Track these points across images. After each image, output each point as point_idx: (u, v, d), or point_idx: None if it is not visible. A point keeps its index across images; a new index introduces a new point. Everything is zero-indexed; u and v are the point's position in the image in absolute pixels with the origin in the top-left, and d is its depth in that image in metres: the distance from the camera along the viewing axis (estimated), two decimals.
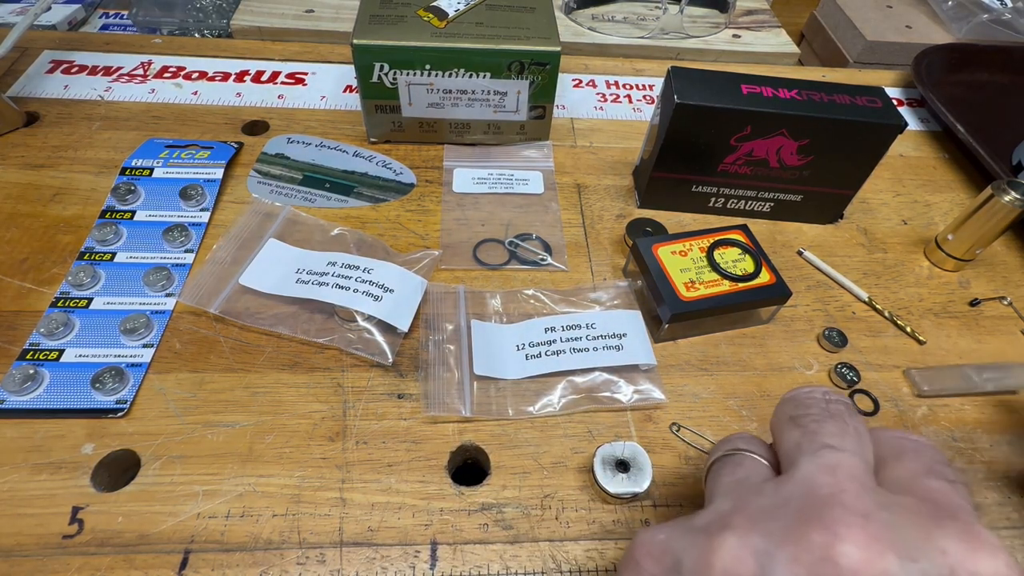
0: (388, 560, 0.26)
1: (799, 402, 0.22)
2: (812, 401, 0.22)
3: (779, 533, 0.17)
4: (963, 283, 0.40)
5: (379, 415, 0.31)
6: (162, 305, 0.34)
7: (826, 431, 0.20)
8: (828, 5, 0.68)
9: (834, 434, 0.20)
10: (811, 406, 0.21)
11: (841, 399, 0.22)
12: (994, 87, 0.56)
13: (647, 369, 0.33)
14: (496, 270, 0.38)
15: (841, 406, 0.21)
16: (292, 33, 0.56)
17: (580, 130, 0.48)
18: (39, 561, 0.25)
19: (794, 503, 0.18)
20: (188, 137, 0.43)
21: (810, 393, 0.22)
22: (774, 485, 0.19)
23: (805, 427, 0.21)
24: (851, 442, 0.20)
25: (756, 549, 0.17)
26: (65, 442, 0.29)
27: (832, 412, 0.21)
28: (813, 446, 0.20)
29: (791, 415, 0.22)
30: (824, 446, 0.19)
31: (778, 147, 0.38)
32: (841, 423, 0.20)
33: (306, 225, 0.38)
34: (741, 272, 0.35)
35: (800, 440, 0.20)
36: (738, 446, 0.22)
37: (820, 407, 0.21)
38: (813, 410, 0.21)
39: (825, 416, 0.21)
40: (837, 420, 0.20)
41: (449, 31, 0.39)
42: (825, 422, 0.20)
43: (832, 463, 0.19)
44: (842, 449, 0.19)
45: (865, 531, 0.16)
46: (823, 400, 0.22)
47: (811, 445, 0.20)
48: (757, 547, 0.17)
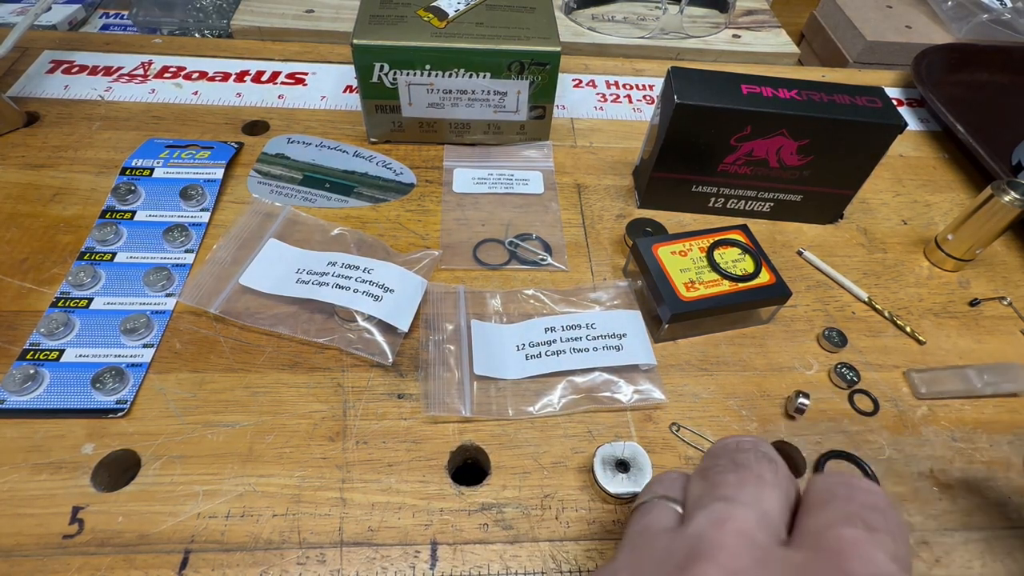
0: (388, 560, 0.26)
1: (712, 453, 0.22)
2: (723, 451, 0.22)
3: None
4: (963, 283, 0.40)
5: (379, 415, 0.31)
6: (162, 305, 0.34)
7: (725, 482, 0.20)
8: (828, 5, 0.68)
9: (732, 484, 0.20)
10: (720, 456, 0.21)
11: (757, 445, 0.21)
12: (994, 87, 0.56)
13: (647, 369, 0.33)
14: (496, 270, 0.38)
15: (750, 454, 0.21)
16: (292, 33, 0.56)
17: (580, 130, 0.48)
18: (39, 561, 0.25)
19: (676, 557, 0.18)
20: (188, 137, 0.43)
21: (724, 444, 0.22)
22: (670, 536, 0.20)
23: (708, 479, 0.21)
24: (749, 493, 0.19)
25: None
26: (65, 442, 0.29)
27: (737, 462, 0.21)
28: (708, 499, 0.20)
29: (703, 467, 0.22)
30: (719, 499, 0.19)
31: (778, 147, 0.38)
32: (743, 473, 0.20)
33: (306, 225, 0.38)
34: (741, 272, 0.35)
35: (701, 492, 0.20)
36: (655, 491, 0.22)
37: (728, 457, 0.21)
38: (721, 460, 0.21)
39: (729, 467, 0.20)
40: (740, 470, 0.20)
41: (449, 31, 0.39)
42: (727, 473, 0.20)
43: (721, 517, 0.18)
44: (735, 501, 0.19)
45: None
46: (734, 448, 0.21)
47: (707, 498, 0.20)
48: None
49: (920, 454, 0.32)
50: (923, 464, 0.31)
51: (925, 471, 0.31)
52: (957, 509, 0.30)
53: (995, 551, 0.28)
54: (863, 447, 0.32)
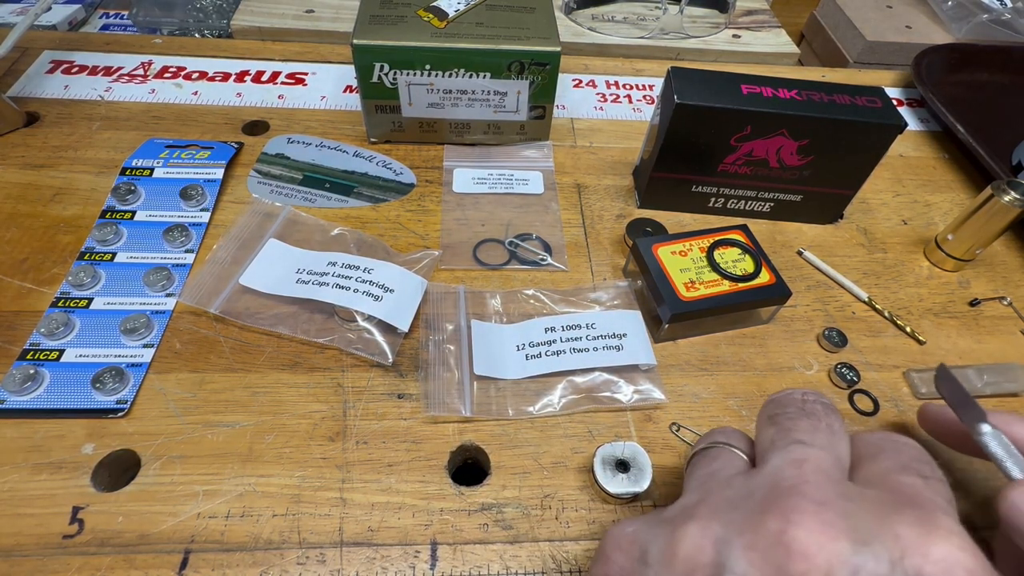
0: (388, 560, 0.26)
1: (778, 402, 0.23)
2: (790, 401, 0.22)
3: (739, 522, 0.18)
4: (963, 283, 0.40)
5: (379, 415, 0.31)
6: (162, 305, 0.34)
7: (799, 428, 0.21)
8: (828, 5, 0.68)
9: (805, 430, 0.20)
10: (788, 405, 0.22)
11: (820, 398, 0.22)
12: (994, 87, 0.56)
13: (647, 369, 0.33)
14: (496, 270, 0.38)
15: (817, 405, 0.22)
16: (292, 33, 0.56)
17: (580, 130, 0.48)
18: (39, 561, 0.25)
19: (758, 494, 0.19)
20: (188, 137, 0.43)
21: (790, 394, 0.23)
22: (744, 478, 0.20)
23: (779, 424, 0.21)
24: (822, 438, 0.20)
25: (716, 537, 0.18)
26: (65, 442, 0.29)
27: (807, 411, 0.21)
28: (784, 441, 0.20)
29: (769, 414, 0.22)
30: (795, 441, 0.20)
31: (778, 147, 0.38)
32: (814, 420, 0.21)
33: (306, 225, 0.38)
34: (741, 272, 0.35)
35: (774, 437, 0.21)
36: (717, 440, 0.23)
37: (796, 406, 0.22)
38: (790, 409, 0.22)
39: (800, 414, 0.21)
40: (811, 418, 0.21)
41: (449, 31, 0.39)
42: (799, 419, 0.21)
43: (800, 457, 0.19)
44: (811, 444, 0.20)
45: (818, 517, 0.17)
46: (800, 399, 0.22)
47: (783, 441, 0.20)
48: (717, 535, 0.18)
49: None
50: None
51: None
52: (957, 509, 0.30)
53: None
54: None
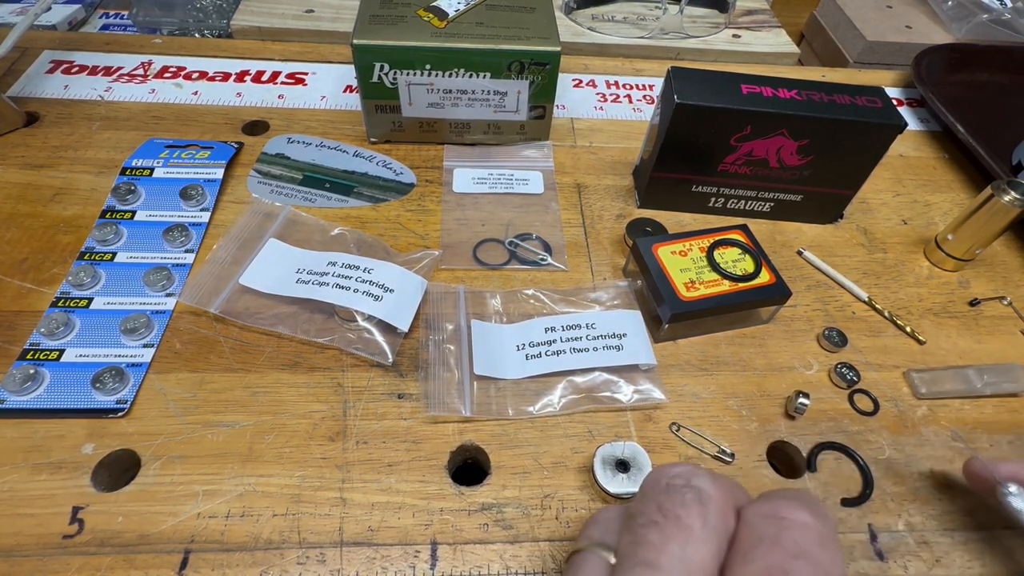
0: (388, 560, 0.26)
1: (642, 493, 0.20)
2: (652, 493, 0.20)
3: None
4: (963, 283, 0.40)
5: (379, 415, 0.31)
6: (162, 305, 0.34)
7: (649, 542, 0.18)
8: (828, 5, 0.68)
9: (654, 545, 0.18)
10: (647, 501, 0.20)
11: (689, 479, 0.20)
12: (994, 87, 0.56)
13: (647, 369, 0.33)
14: (496, 270, 0.38)
15: (677, 497, 0.19)
16: (292, 33, 0.56)
17: (580, 130, 0.48)
18: (39, 561, 0.25)
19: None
20: (188, 137, 0.43)
21: (655, 480, 0.20)
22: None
23: (632, 533, 0.19)
24: (671, 553, 0.18)
25: None
26: (65, 442, 0.29)
27: (665, 510, 0.19)
28: (630, 562, 0.18)
29: (629, 510, 0.20)
30: (639, 563, 0.18)
31: (778, 147, 0.38)
32: (669, 528, 0.18)
33: (306, 225, 0.38)
34: (741, 272, 0.35)
35: (625, 549, 0.19)
36: (592, 537, 0.21)
37: (654, 503, 0.19)
38: (648, 506, 0.19)
39: (654, 517, 0.19)
40: (666, 525, 0.18)
41: (449, 31, 0.39)
42: (651, 529, 0.19)
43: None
44: (657, 567, 0.18)
45: None
46: (663, 491, 0.20)
47: (629, 561, 0.18)
48: None
49: (920, 454, 0.32)
50: (923, 464, 0.31)
51: (925, 471, 0.31)
52: (957, 509, 0.30)
53: (995, 551, 0.28)
54: (863, 447, 0.32)
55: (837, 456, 0.31)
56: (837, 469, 0.31)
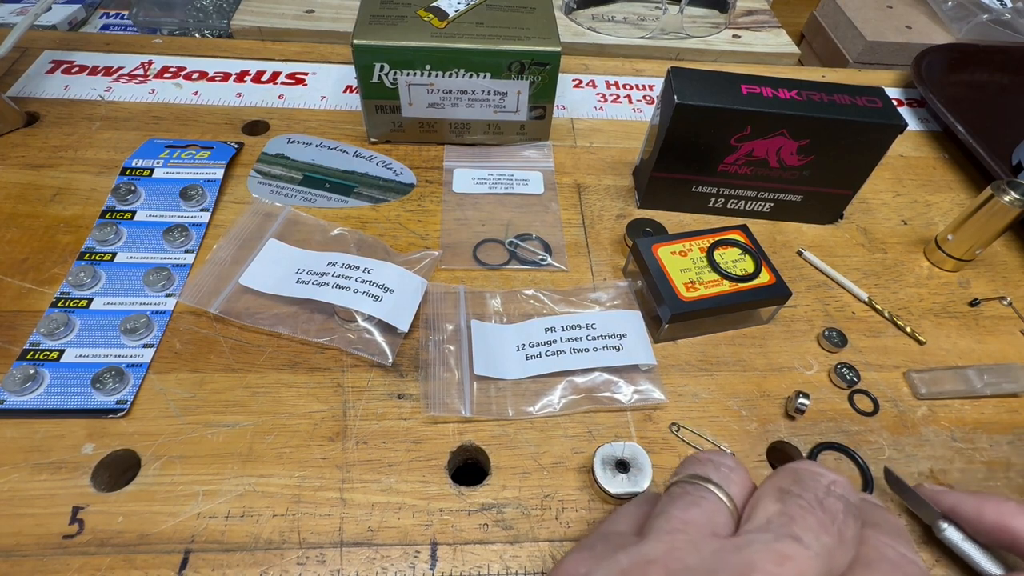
0: (388, 560, 0.26)
1: (798, 478, 0.20)
2: (811, 484, 0.19)
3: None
4: (963, 283, 0.40)
5: (379, 415, 0.31)
6: (162, 305, 0.34)
7: (805, 521, 0.18)
8: (828, 5, 0.68)
9: (810, 528, 0.18)
10: (806, 489, 0.19)
11: (847, 494, 0.19)
12: (994, 87, 0.56)
13: (647, 369, 0.33)
14: (496, 270, 0.38)
15: (839, 503, 0.19)
16: (292, 33, 0.56)
17: (580, 130, 0.48)
18: (39, 561, 0.25)
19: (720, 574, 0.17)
20: (188, 137, 0.43)
21: (815, 476, 0.20)
22: (716, 546, 0.18)
23: (786, 505, 0.19)
24: (825, 543, 0.17)
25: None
26: (65, 442, 0.29)
27: (826, 506, 0.19)
28: (780, 529, 0.18)
29: (781, 486, 0.20)
30: (791, 535, 0.17)
31: (778, 147, 0.38)
32: (827, 521, 0.18)
33: (306, 225, 0.38)
34: (741, 272, 0.35)
35: (772, 516, 0.18)
36: (709, 475, 0.20)
37: (816, 495, 0.19)
38: (807, 494, 0.19)
39: (814, 507, 0.18)
40: (825, 515, 0.18)
41: (449, 31, 0.39)
42: (809, 512, 0.18)
43: (786, 554, 0.17)
44: (808, 546, 0.17)
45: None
46: (825, 488, 0.19)
47: (779, 527, 0.18)
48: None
49: (920, 454, 0.32)
50: (923, 464, 0.31)
51: (925, 471, 0.31)
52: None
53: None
54: (863, 447, 0.32)
55: (837, 456, 0.31)
56: (837, 469, 0.31)
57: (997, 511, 0.22)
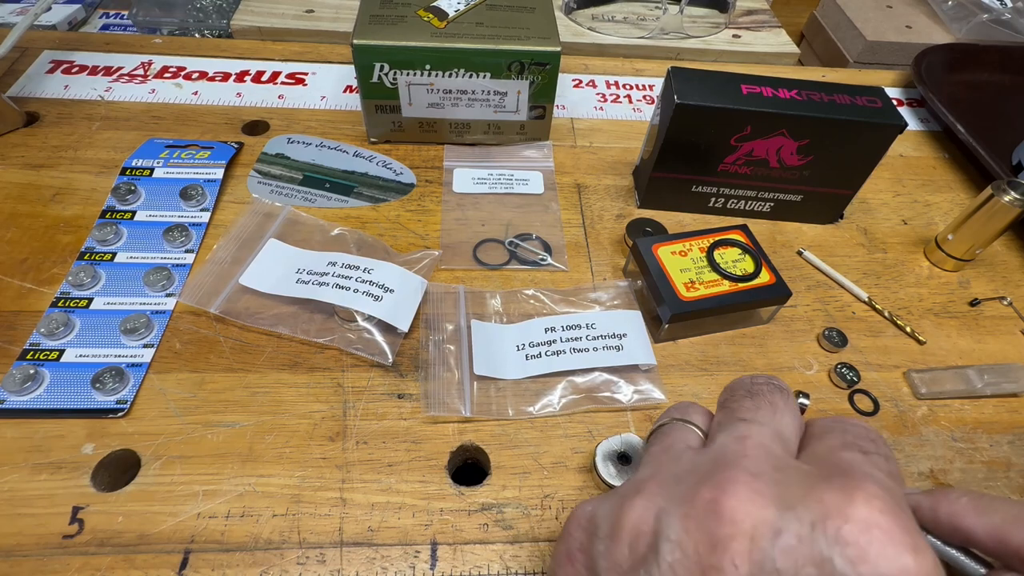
0: (388, 560, 0.26)
1: (729, 388, 0.24)
2: (739, 385, 0.24)
3: (680, 494, 0.19)
4: (963, 283, 0.40)
5: (379, 415, 0.31)
6: (162, 305, 0.34)
7: (743, 407, 0.22)
8: (828, 5, 0.68)
9: (749, 408, 0.22)
10: (736, 389, 0.23)
11: (769, 380, 0.23)
12: (994, 87, 0.56)
13: (647, 369, 0.33)
14: (496, 270, 0.38)
15: (763, 386, 0.23)
16: (292, 33, 0.56)
17: (580, 130, 0.48)
18: (39, 561, 0.25)
19: (702, 469, 0.20)
20: (188, 137, 0.43)
21: (740, 380, 0.24)
22: (693, 453, 0.21)
23: (726, 407, 0.23)
24: (764, 414, 0.21)
25: (658, 509, 0.19)
26: (65, 442, 0.29)
27: (752, 391, 0.23)
28: (729, 421, 0.22)
29: (721, 400, 0.24)
30: (738, 420, 0.21)
31: (778, 147, 0.38)
32: (758, 399, 0.22)
33: (306, 225, 0.38)
34: (741, 272, 0.35)
35: (721, 419, 0.22)
36: (673, 415, 0.24)
37: (744, 389, 0.23)
38: (738, 392, 0.23)
39: (745, 396, 0.22)
40: (755, 397, 0.22)
41: (449, 31, 0.39)
42: (744, 400, 0.22)
43: (742, 434, 0.20)
44: (753, 421, 0.21)
45: (750, 487, 0.18)
46: (749, 382, 0.23)
47: (728, 420, 0.22)
48: (660, 507, 0.19)
49: (920, 454, 0.32)
50: (923, 464, 0.31)
51: (925, 471, 0.31)
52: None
53: None
54: None
55: None
56: None
57: (950, 511, 0.22)
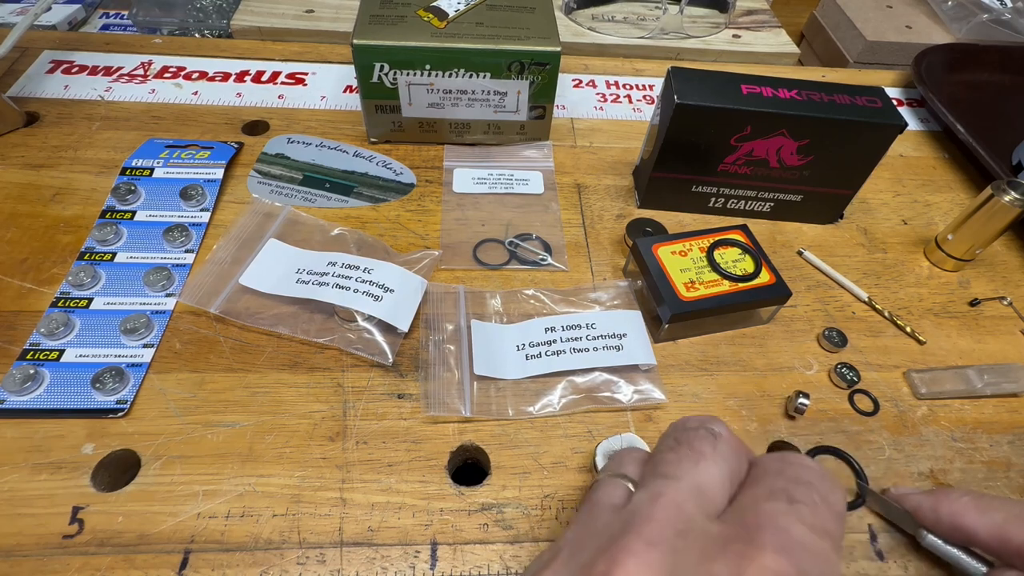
0: (388, 560, 0.26)
1: (665, 433, 0.23)
2: (671, 431, 0.23)
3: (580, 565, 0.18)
4: (963, 283, 0.40)
5: (379, 415, 0.31)
6: (162, 305, 0.34)
7: (665, 460, 0.21)
8: (828, 5, 0.68)
9: (671, 462, 0.21)
10: (666, 437, 0.22)
11: (704, 423, 0.22)
12: (994, 87, 0.56)
13: (647, 369, 0.33)
14: (496, 270, 0.38)
15: (692, 433, 0.22)
16: (292, 33, 0.56)
17: (580, 130, 0.48)
18: (39, 561, 0.25)
19: (610, 531, 0.19)
20: (188, 137, 0.43)
21: (675, 424, 0.23)
22: (610, 513, 0.20)
23: (653, 458, 0.22)
24: (685, 467, 0.20)
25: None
26: (65, 442, 0.29)
27: (680, 440, 0.22)
28: (651, 475, 0.21)
29: (652, 452, 0.23)
30: (658, 475, 0.20)
31: (778, 147, 0.38)
32: (682, 450, 0.21)
33: (306, 225, 0.38)
34: (741, 272, 0.35)
35: (645, 472, 0.21)
36: (611, 470, 0.23)
37: (673, 437, 0.22)
38: (667, 440, 0.22)
39: (671, 446, 0.21)
40: (680, 447, 0.21)
41: (449, 31, 0.39)
42: (667, 452, 0.21)
43: (657, 491, 0.19)
44: (670, 477, 0.20)
45: (642, 559, 0.17)
46: (680, 428, 0.22)
47: (650, 476, 0.21)
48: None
49: (920, 454, 0.32)
50: (923, 464, 0.31)
51: (925, 471, 0.31)
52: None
53: None
54: (863, 447, 0.32)
55: (834, 461, 0.31)
56: (838, 470, 0.31)
57: (951, 510, 0.23)
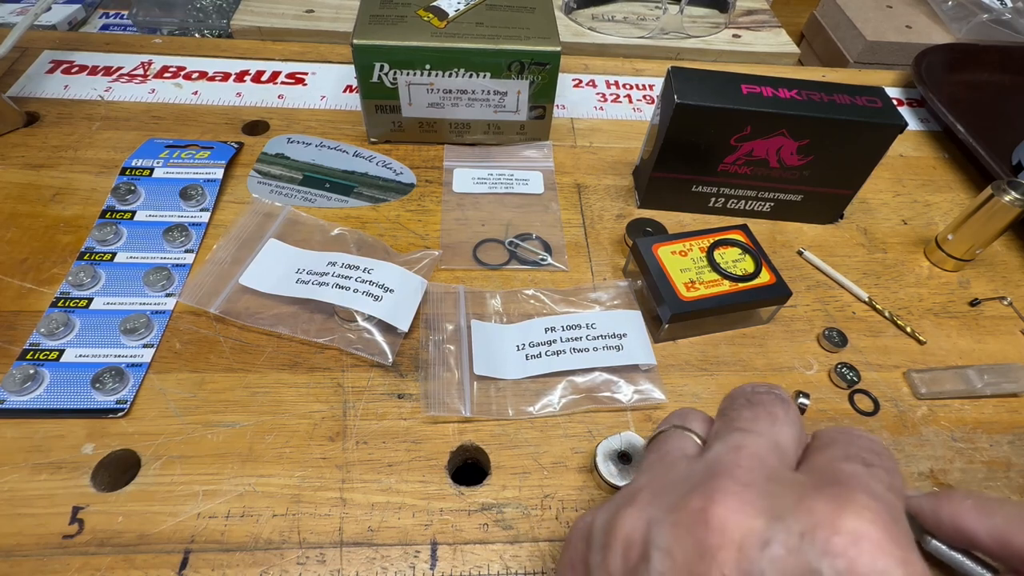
0: (388, 560, 0.26)
1: (729, 396, 0.24)
2: (739, 394, 0.23)
3: (671, 503, 0.19)
4: (963, 283, 0.40)
5: (379, 415, 0.31)
6: (162, 305, 0.34)
7: (741, 417, 0.22)
8: (828, 5, 0.68)
9: (747, 419, 0.21)
10: (736, 398, 0.23)
11: (770, 389, 0.23)
12: (994, 87, 0.56)
13: (647, 369, 0.33)
14: (496, 270, 0.38)
15: (764, 396, 0.23)
16: (292, 33, 0.56)
17: (580, 130, 0.48)
18: (39, 561, 0.25)
19: (695, 477, 0.20)
20: (188, 137, 0.43)
21: (741, 388, 0.24)
22: (688, 461, 0.21)
23: (726, 416, 0.22)
24: (762, 425, 0.21)
25: (650, 518, 0.19)
26: (65, 442, 0.29)
27: (753, 401, 0.22)
28: (726, 430, 0.21)
29: (720, 409, 0.23)
30: (735, 429, 0.21)
31: (778, 147, 0.38)
32: (757, 409, 0.22)
33: (306, 225, 0.38)
34: (741, 272, 0.35)
35: (719, 428, 0.22)
36: (673, 422, 0.24)
37: (744, 398, 0.23)
38: (738, 401, 0.23)
39: (745, 405, 0.22)
40: (755, 407, 0.22)
41: (449, 31, 0.39)
42: (743, 410, 0.22)
43: (737, 443, 0.20)
44: (750, 432, 0.21)
45: (739, 497, 0.18)
46: (749, 392, 0.23)
47: (725, 430, 0.21)
48: (651, 516, 0.19)
49: (920, 454, 0.32)
50: (923, 464, 0.31)
51: (925, 471, 0.31)
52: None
53: None
54: None
55: None
56: None
57: (952, 513, 0.22)
